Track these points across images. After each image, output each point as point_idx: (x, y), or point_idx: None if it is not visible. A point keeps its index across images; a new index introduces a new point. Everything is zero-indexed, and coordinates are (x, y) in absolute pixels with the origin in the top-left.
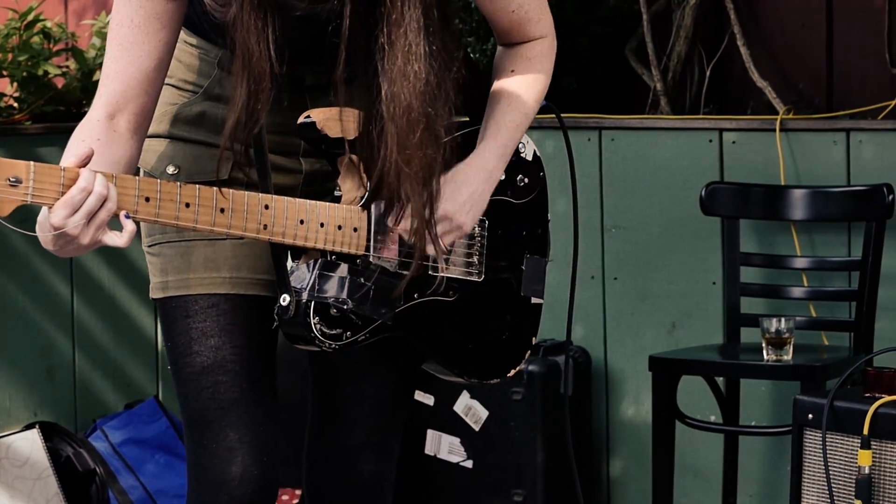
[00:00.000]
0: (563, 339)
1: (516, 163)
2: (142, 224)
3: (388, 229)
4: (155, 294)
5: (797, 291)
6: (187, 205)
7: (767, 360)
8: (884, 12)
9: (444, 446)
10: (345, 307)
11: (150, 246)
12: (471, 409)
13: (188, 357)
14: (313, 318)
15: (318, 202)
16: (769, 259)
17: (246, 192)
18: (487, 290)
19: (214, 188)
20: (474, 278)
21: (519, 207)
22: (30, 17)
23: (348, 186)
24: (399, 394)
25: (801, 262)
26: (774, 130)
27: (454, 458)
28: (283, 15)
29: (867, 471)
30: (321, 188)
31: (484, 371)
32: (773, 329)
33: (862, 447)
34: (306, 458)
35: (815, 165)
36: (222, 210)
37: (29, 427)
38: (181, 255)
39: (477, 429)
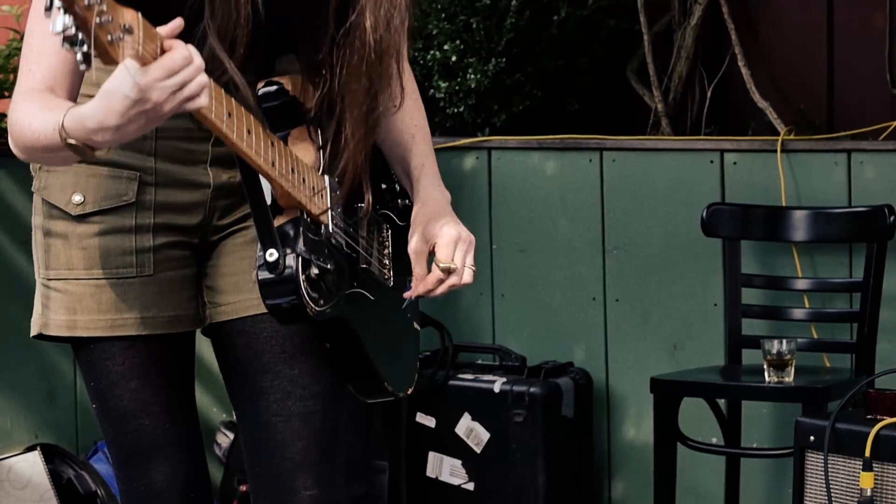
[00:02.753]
0: (564, 362)
1: (400, 190)
2: (42, 256)
3: (342, 210)
4: (59, 331)
5: (798, 313)
6: (229, 114)
7: (769, 382)
8: (884, 33)
9: (446, 468)
10: (328, 268)
11: (52, 279)
12: (472, 432)
13: (110, 400)
14: (301, 276)
15: (296, 154)
16: (770, 280)
17: (259, 122)
18: (394, 301)
19: (243, 107)
20: (386, 282)
21: (402, 229)
22: None
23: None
24: (326, 412)
25: (802, 284)
26: (775, 151)
27: (456, 481)
28: None
29: (869, 493)
30: (232, 203)
31: (397, 381)
32: (774, 351)
33: (864, 469)
34: (249, 485)
35: (817, 186)
36: (249, 131)
37: (30, 449)
38: (90, 294)
39: (478, 451)
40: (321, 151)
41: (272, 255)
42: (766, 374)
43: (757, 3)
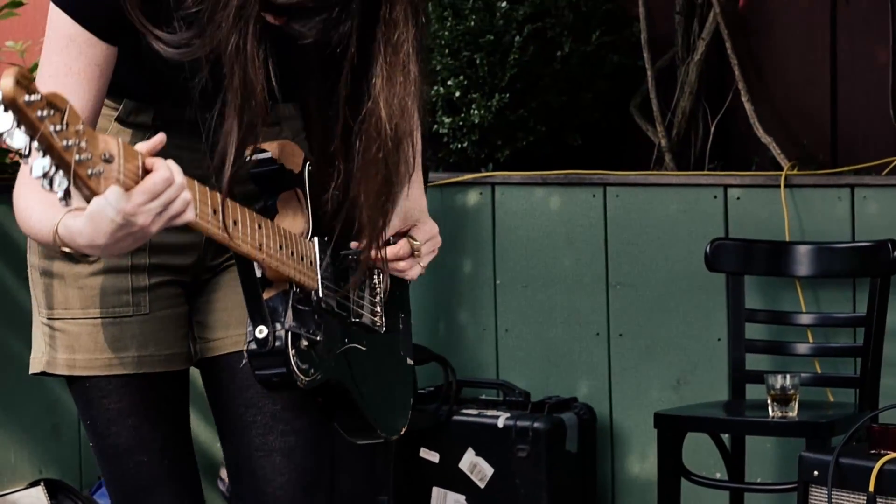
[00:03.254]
0: (568, 397)
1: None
2: (41, 295)
3: (332, 269)
4: (59, 370)
5: (802, 348)
6: (214, 211)
7: (773, 417)
8: (888, 68)
9: None
10: (317, 339)
11: (50, 319)
12: (476, 467)
13: (108, 438)
14: (291, 350)
15: (284, 228)
16: (774, 315)
17: (245, 209)
18: (386, 343)
19: (228, 199)
20: (378, 329)
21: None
22: (35, 73)
23: (288, 223)
24: (309, 449)
25: (806, 319)
26: (779, 186)
27: None
28: (288, 43)
29: None
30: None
31: (389, 425)
32: (778, 385)
33: None
34: None
35: (820, 221)
36: (235, 223)
37: (34, 484)
38: (87, 333)
39: (482, 486)
40: (308, 214)
41: (262, 331)
42: (769, 409)
43: (760, 39)
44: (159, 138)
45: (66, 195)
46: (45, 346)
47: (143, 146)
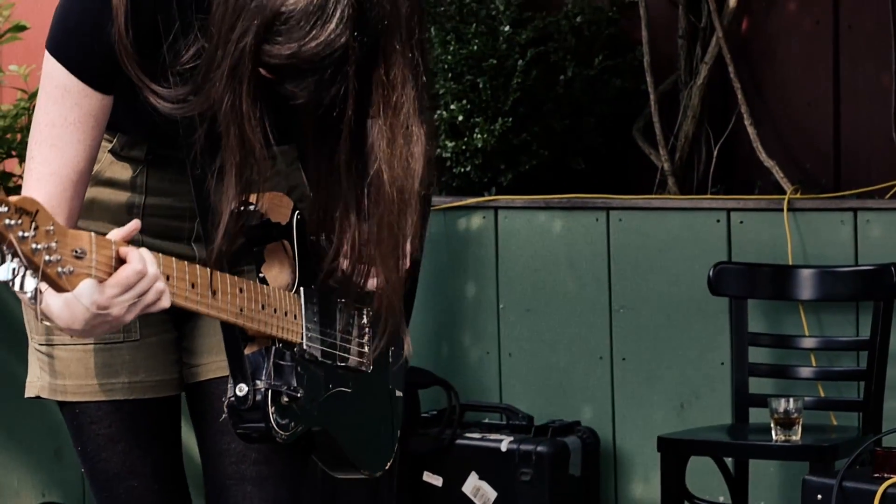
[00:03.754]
0: (571, 420)
1: None
2: (33, 320)
3: (318, 318)
4: (50, 395)
5: (805, 371)
6: (192, 285)
7: (776, 441)
8: (890, 92)
9: None
10: (298, 395)
11: (42, 345)
12: (479, 490)
13: (99, 463)
14: (270, 408)
15: (266, 286)
16: (777, 339)
17: (226, 275)
18: (372, 381)
19: (207, 269)
20: (364, 369)
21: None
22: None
23: (274, 273)
24: (282, 478)
25: (809, 342)
26: (782, 210)
27: None
28: (282, 102)
29: None
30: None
31: (372, 462)
32: (781, 409)
33: None
34: None
35: (823, 245)
36: (214, 293)
37: None
38: (78, 359)
39: None
40: (294, 265)
41: (241, 389)
42: (773, 433)
43: (763, 63)
44: (133, 225)
45: (35, 296)
46: (38, 370)
47: (117, 234)
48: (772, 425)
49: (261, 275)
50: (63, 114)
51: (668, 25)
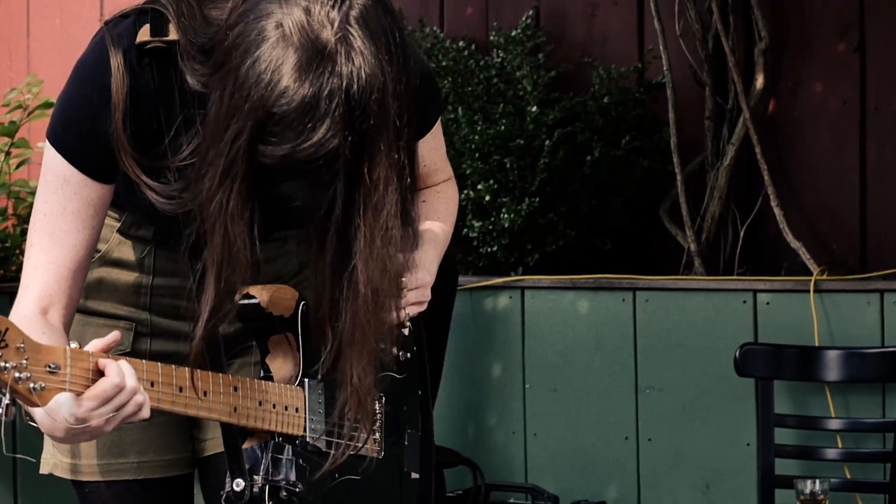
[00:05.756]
0: (597, 501)
1: (398, 338)
2: None
3: (323, 409)
4: (64, 474)
5: (832, 453)
6: (180, 389)
7: None
8: None
9: None
10: (297, 490)
11: None
12: None
13: None
14: (268, 502)
15: (265, 382)
16: (803, 420)
17: (218, 374)
18: (384, 466)
19: (197, 370)
20: (375, 455)
21: (400, 382)
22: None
23: (278, 365)
24: None
25: (835, 424)
26: (808, 291)
27: None
28: (276, 203)
29: None
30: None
31: None
32: (807, 490)
33: None
34: None
35: (850, 326)
36: (205, 393)
37: None
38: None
39: None
40: (298, 358)
41: (238, 484)
42: None
43: (789, 144)
44: (113, 337)
45: (7, 411)
46: (51, 447)
47: (97, 344)
48: None
49: (266, 372)
50: (62, 203)
51: (695, 107)
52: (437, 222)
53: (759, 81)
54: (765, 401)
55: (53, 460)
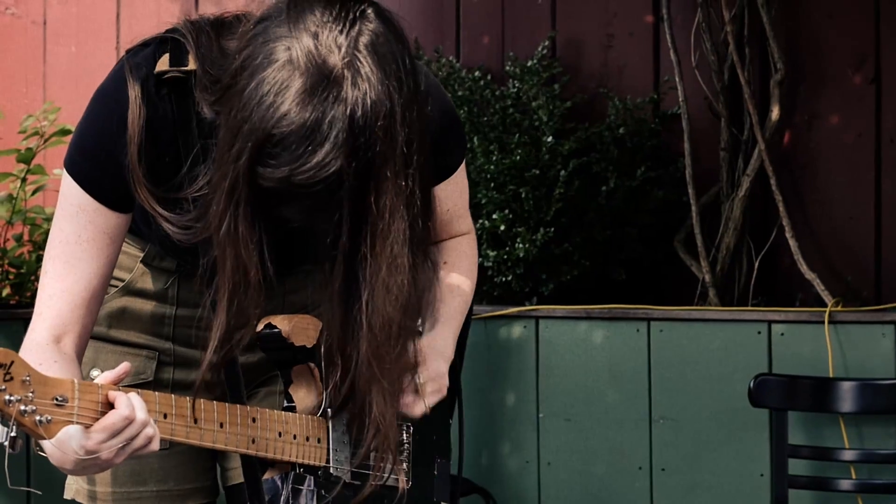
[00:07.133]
0: None
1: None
2: None
3: (347, 440)
4: (84, 500)
5: (845, 484)
6: (195, 420)
7: None
8: None
9: None
10: None
11: None
12: None
13: None
14: None
15: (286, 413)
16: (817, 451)
17: (235, 405)
18: (413, 497)
19: (214, 402)
20: (406, 484)
21: (429, 412)
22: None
23: (301, 395)
24: None
25: (849, 455)
26: (823, 322)
27: None
28: (279, 227)
29: None
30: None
31: None
32: None
33: None
34: None
35: (864, 358)
36: (221, 425)
37: None
38: None
39: None
40: (320, 388)
41: None
42: None
43: (804, 176)
44: (123, 368)
45: (13, 444)
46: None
47: (107, 377)
48: None
49: (289, 402)
50: (77, 231)
51: (711, 138)
52: (456, 297)
53: (775, 113)
54: (779, 431)
55: (76, 486)
